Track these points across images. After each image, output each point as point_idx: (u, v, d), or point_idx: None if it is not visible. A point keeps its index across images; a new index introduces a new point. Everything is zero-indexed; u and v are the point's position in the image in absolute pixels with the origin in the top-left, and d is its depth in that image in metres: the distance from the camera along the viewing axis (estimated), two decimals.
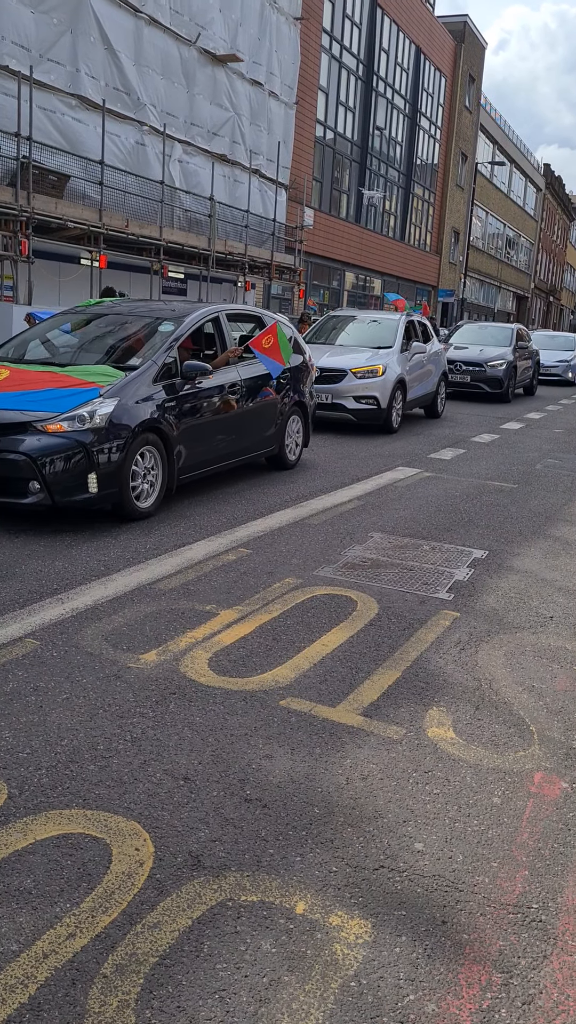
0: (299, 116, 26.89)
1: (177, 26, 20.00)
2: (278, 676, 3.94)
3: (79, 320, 8.07)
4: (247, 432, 7.99)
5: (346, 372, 11.87)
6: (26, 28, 16.03)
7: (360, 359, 12.14)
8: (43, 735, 3.29)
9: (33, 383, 6.42)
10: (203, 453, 7.28)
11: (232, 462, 7.89)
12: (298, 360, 9.10)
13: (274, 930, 2.34)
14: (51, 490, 5.89)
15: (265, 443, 8.45)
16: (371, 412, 11.96)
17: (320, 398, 11.60)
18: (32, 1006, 2.06)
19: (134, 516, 6.43)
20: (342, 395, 11.85)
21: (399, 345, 12.78)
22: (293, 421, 9.02)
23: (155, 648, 4.18)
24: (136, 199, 18.47)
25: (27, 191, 14.97)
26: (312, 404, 9.49)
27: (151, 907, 2.40)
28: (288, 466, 8.99)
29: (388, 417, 12.18)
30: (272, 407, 8.46)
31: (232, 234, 22.16)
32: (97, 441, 6.02)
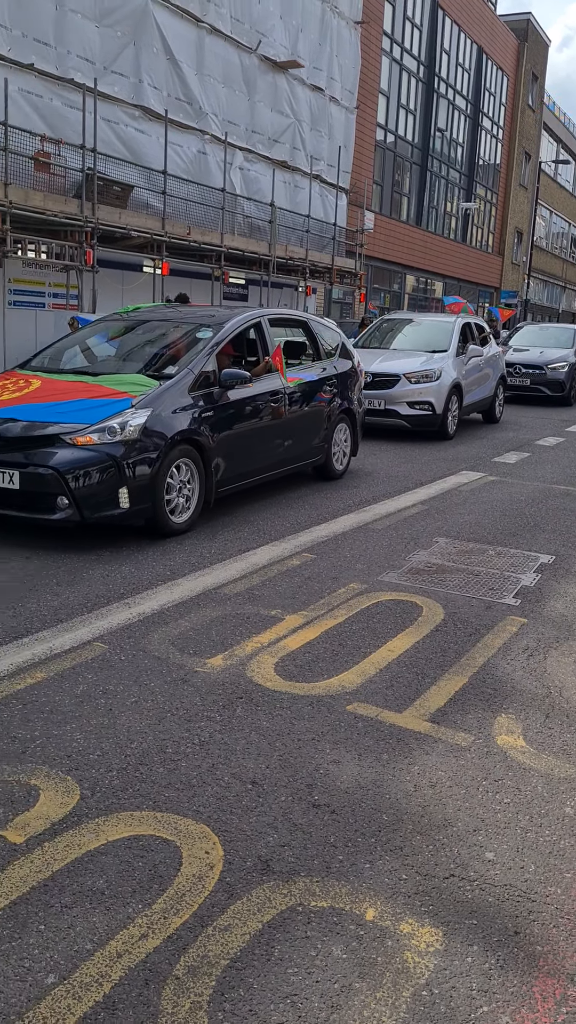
0: (359, 120, 26.87)
1: (238, 34, 20.16)
2: (344, 681, 3.94)
3: (117, 327, 7.87)
4: (291, 441, 7.67)
5: (399, 377, 11.57)
6: (91, 42, 16.33)
7: (414, 363, 11.86)
8: (113, 737, 3.34)
9: (63, 394, 6.26)
10: (243, 464, 7.01)
11: (275, 473, 7.61)
12: (346, 366, 8.83)
13: (344, 936, 2.34)
14: (80, 505, 5.65)
15: (311, 453, 8.14)
16: (426, 418, 11.64)
17: (373, 404, 11.36)
18: (107, 1004, 2.09)
19: (168, 532, 6.16)
20: (396, 401, 11.57)
21: (454, 348, 12.46)
22: (340, 429, 8.67)
23: (221, 652, 4.21)
24: (198, 207, 18.66)
25: (92, 202, 15.24)
26: (361, 411, 9.20)
27: (222, 910, 2.42)
28: (335, 476, 8.66)
29: (444, 423, 11.87)
30: (318, 415, 8.15)
31: (293, 239, 22.24)
32: (128, 454, 5.78)
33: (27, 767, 3.10)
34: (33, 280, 16.72)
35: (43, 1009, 2.06)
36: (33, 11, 15.11)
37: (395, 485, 8.63)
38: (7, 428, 5.84)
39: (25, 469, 5.68)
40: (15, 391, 6.34)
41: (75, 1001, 2.09)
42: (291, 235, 22.22)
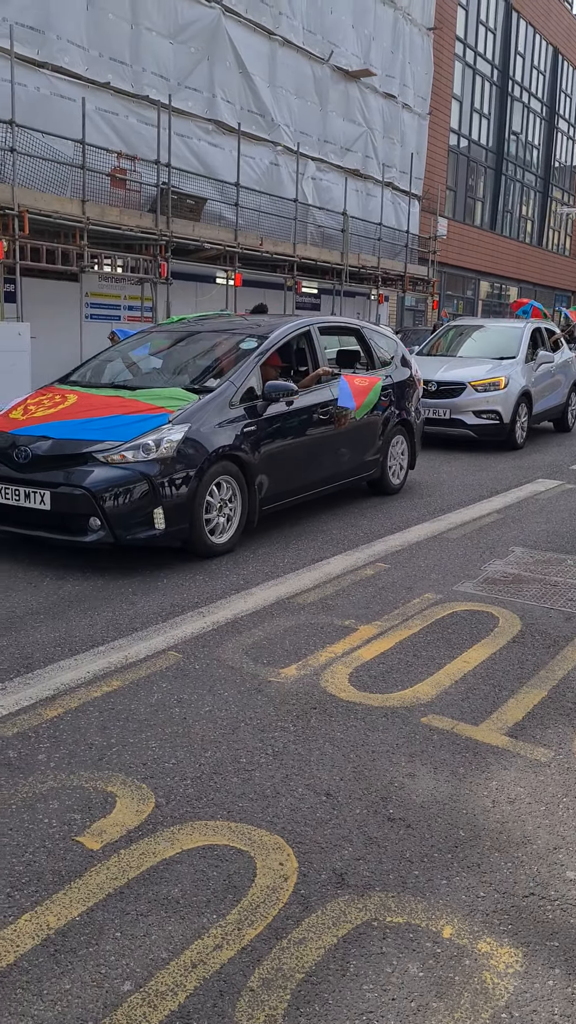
0: (432, 126, 26.73)
1: (310, 45, 20.27)
2: (419, 693, 3.89)
3: (160, 339, 7.53)
4: (343, 456, 7.30)
5: (465, 385, 11.16)
6: (165, 58, 16.62)
7: (480, 371, 11.42)
8: (187, 746, 3.36)
9: (98, 409, 6.01)
10: (290, 481, 6.67)
11: (325, 489, 7.22)
12: (403, 375, 8.41)
13: (421, 953, 2.30)
14: (112, 526, 5.39)
15: (364, 467, 7.73)
16: (493, 428, 11.19)
17: (437, 413, 11.08)
18: (182, 1014, 2.09)
19: (208, 553, 5.87)
20: (461, 410, 11.14)
21: (523, 355, 11.97)
22: (397, 442, 8.23)
23: (295, 662, 4.21)
24: (270, 217, 18.79)
25: (166, 216, 15.48)
26: (419, 422, 8.70)
27: (296, 923, 2.40)
28: (391, 491, 8.22)
29: (512, 432, 11.40)
30: (372, 427, 7.72)
31: (365, 247, 22.21)
32: (164, 472, 5.50)
33: (104, 774, 3.14)
34: (109, 294, 17.05)
35: (119, 1016, 2.08)
36: (109, 31, 15.45)
37: (469, 494, 8.52)
38: (38, 446, 5.64)
39: (56, 489, 5.46)
40: (50, 407, 6.13)
41: (151, 1009, 2.10)
42: (363, 243, 22.20)
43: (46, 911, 2.42)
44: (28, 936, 2.32)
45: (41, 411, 6.08)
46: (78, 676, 3.98)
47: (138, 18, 15.91)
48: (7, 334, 12.72)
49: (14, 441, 5.73)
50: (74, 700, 3.73)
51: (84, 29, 15.02)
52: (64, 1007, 2.10)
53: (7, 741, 3.36)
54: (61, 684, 3.89)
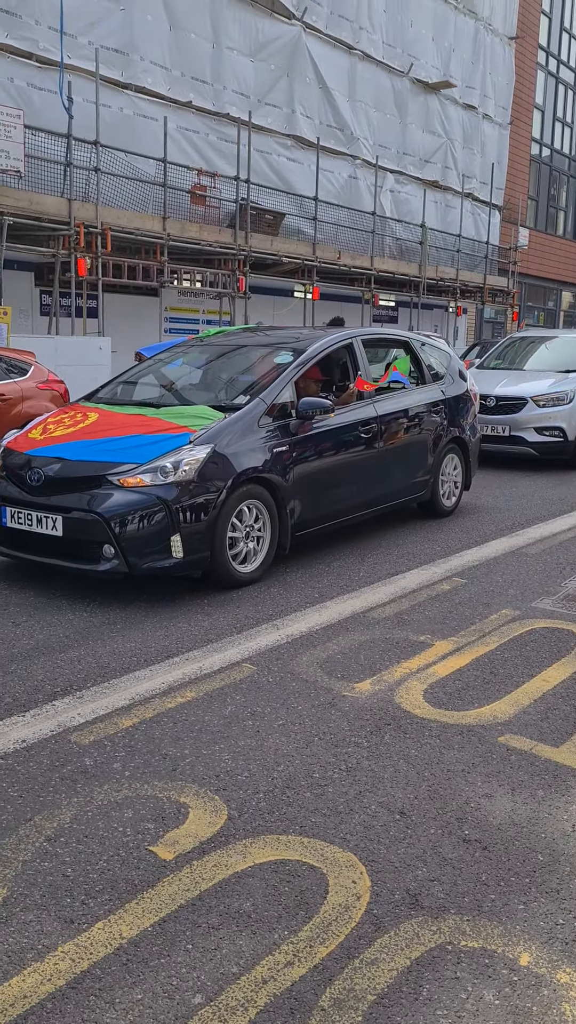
0: (513, 136, 26.44)
1: (390, 59, 20.29)
2: (496, 711, 3.81)
3: (193, 354, 7.11)
4: (388, 477, 6.86)
5: (526, 400, 10.59)
6: (246, 76, 16.85)
7: (543, 385, 10.81)
8: (260, 759, 3.35)
9: (118, 429, 5.64)
10: (326, 504, 6.24)
11: (369, 512, 6.79)
12: (457, 390, 7.90)
13: (497, 980, 2.23)
14: (126, 555, 5.03)
15: (413, 488, 7.26)
16: (556, 445, 10.56)
17: (496, 430, 10.53)
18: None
19: (231, 584, 5.46)
20: (521, 427, 10.54)
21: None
22: (449, 460, 7.72)
23: (369, 677, 4.17)
24: (348, 231, 18.84)
25: (245, 231, 15.66)
26: (475, 440, 8.17)
27: (368, 943, 2.36)
28: (443, 513, 7.69)
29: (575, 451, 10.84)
30: (421, 446, 7.29)
31: (443, 259, 22.07)
32: (183, 496, 5.12)
33: (177, 784, 3.16)
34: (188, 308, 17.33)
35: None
36: (191, 51, 15.75)
37: (548, 508, 8.34)
38: (51, 468, 5.33)
39: (68, 514, 5.13)
40: (70, 425, 5.81)
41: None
42: (442, 255, 22.06)
43: (119, 920, 2.44)
44: (101, 944, 2.34)
45: (60, 430, 5.76)
46: (153, 686, 4.02)
47: (219, 38, 16.19)
48: (89, 348, 13.02)
49: (29, 462, 5.47)
50: (149, 710, 3.77)
51: (167, 50, 15.35)
52: (135, 1017, 2.11)
53: (84, 749, 3.41)
54: (136, 694, 3.93)
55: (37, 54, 13.48)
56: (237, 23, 16.50)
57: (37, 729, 3.57)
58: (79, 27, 13.92)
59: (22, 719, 3.67)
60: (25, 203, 12.61)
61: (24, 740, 3.48)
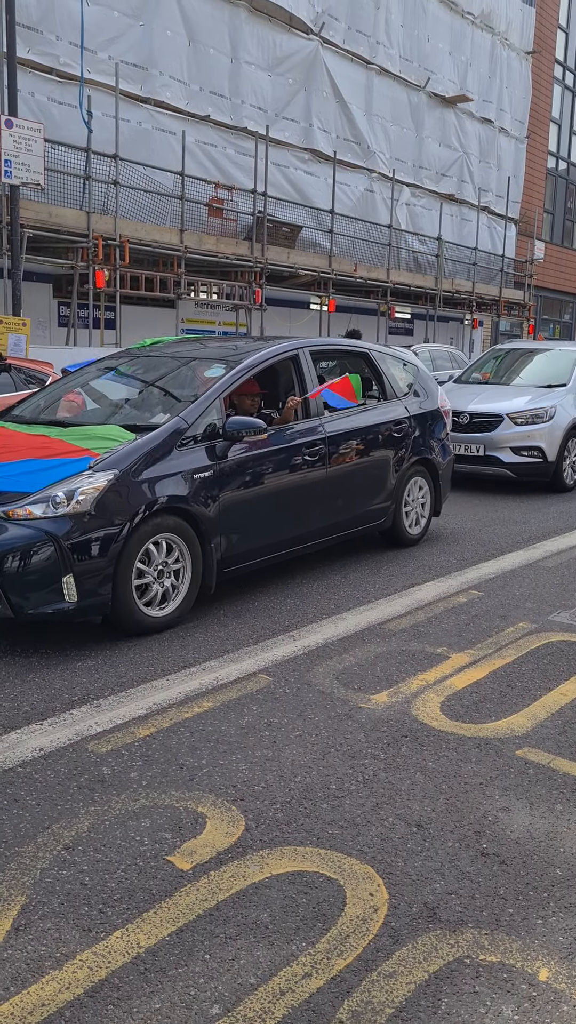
0: (530, 150, 26.49)
1: (407, 73, 20.39)
2: (513, 724, 3.80)
3: (123, 366, 6.28)
4: (338, 504, 6.12)
5: (502, 417, 9.63)
6: (263, 90, 16.98)
7: (521, 401, 9.91)
8: (277, 770, 3.35)
9: (15, 451, 5.00)
10: (261, 536, 5.54)
11: (314, 544, 6.05)
12: (425, 407, 7.13)
13: (516, 995, 2.22)
14: (10, 598, 4.39)
15: (370, 516, 6.51)
16: (534, 466, 9.64)
17: (469, 450, 9.62)
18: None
19: (139, 630, 4.79)
20: (497, 446, 9.59)
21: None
22: (415, 484, 6.96)
23: (386, 689, 4.16)
24: (364, 243, 18.91)
25: (262, 244, 15.74)
26: (446, 462, 7.37)
27: (386, 955, 2.36)
28: (407, 542, 6.96)
29: (557, 472, 9.80)
30: (380, 468, 6.53)
31: (459, 272, 22.10)
32: (76, 530, 4.44)
33: (194, 794, 3.16)
34: (204, 320, 17.41)
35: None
36: (209, 66, 15.89)
37: (568, 519, 8.32)
38: None
39: None
40: None
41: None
42: (457, 268, 22.10)
43: (137, 929, 2.44)
44: (119, 953, 2.35)
45: None
46: (169, 696, 4.03)
47: (237, 52, 16.32)
48: None
49: None
50: (165, 720, 3.78)
51: (185, 65, 15.48)
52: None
53: (101, 758, 3.42)
54: (153, 704, 3.94)
55: (58, 69, 13.63)
56: (255, 38, 16.63)
57: (55, 737, 3.59)
58: (99, 42, 14.07)
59: (40, 727, 3.68)
60: (45, 216, 12.73)
61: (42, 748, 3.49)
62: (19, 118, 11.47)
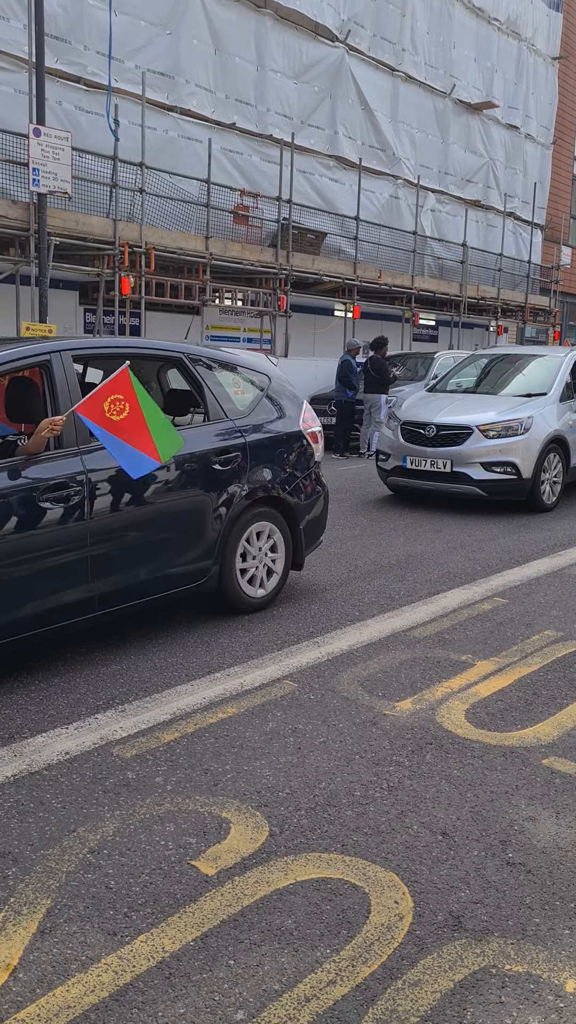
0: (556, 155, 26.36)
1: (432, 80, 20.38)
2: (539, 733, 3.77)
3: None
4: (115, 566, 4.52)
5: (471, 430, 8.73)
6: (289, 98, 17.03)
7: (494, 412, 9.00)
8: (301, 776, 3.35)
9: None
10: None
11: (72, 622, 4.39)
12: (279, 428, 5.56)
13: (542, 1006, 2.20)
14: None
15: (178, 579, 4.89)
16: (507, 484, 8.71)
17: (436, 465, 8.81)
18: None
19: None
20: (466, 461, 8.67)
21: (558, 392, 9.41)
22: (257, 532, 5.34)
23: (411, 696, 4.15)
24: (389, 250, 18.90)
25: (287, 251, 15.77)
26: (308, 501, 5.67)
27: (411, 964, 2.34)
28: (246, 607, 5.34)
29: (534, 491, 8.84)
30: (191, 515, 4.91)
31: (484, 279, 22.03)
32: None
33: (219, 800, 3.16)
34: (229, 326, 17.47)
35: None
36: (235, 74, 15.96)
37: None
38: None
39: None
40: None
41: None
42: (483, 274, 22.03)
43: (162, 934, 2.45)
44: (144, 957, 2.35)
45: None
46: (194, 702, 4.04)
47: (263, 61, 16.38)
48: None
49: None
50: (190, 725, 3.78)
51: (211, 73, 15.56)
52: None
53: (126, 762, 3.43)
54: (178, 709, 3.95)
55: (85, 78, 13.75)
56: (281, 46, 16.69)
57: (80, 741, 3.61)
58: (126, 51, 14.18)
59: (65, 731, 3.70)
60: (72, 223, 12.83)
61: (67, 752, 3.51)
62: (47, 127, 11.58)
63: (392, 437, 9.32)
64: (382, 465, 9.50)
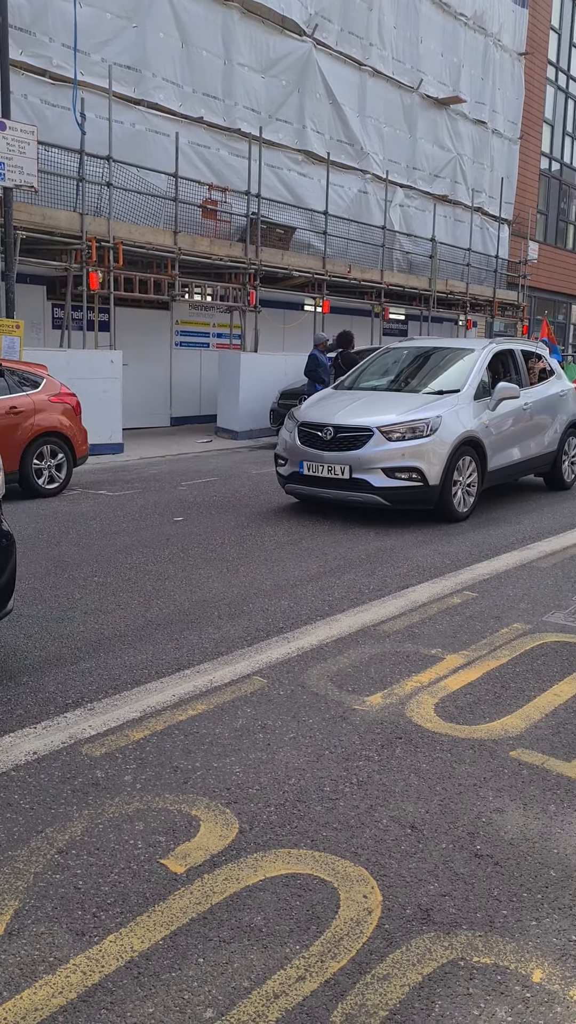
0: (523, 151, 26.52)
1: (399, 75, 20.41)
2: (507, 726, 3.80)
3: None
4: None
5: (372, 432, 7.85)
6: (256, 92, 16.97)
7: (397, 412, 8.09)
8: (271, 772, 3.35)
9: None
10: None
11: None
12: None
13: (509, 997, 2.22)
14: None
15: None
16: (412, 492, 7.85)
17: (333, 472, 7.92)
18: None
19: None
20: (365, 467, 7.80)
21: (473, 388, 8.52)
22: None
23: (380, 691, 4.16)
24: (358, 245, 18.92)
25: (256, 245, 15.73)
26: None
27: (380, 958, 2.35)
28: None
29: (443, 498, 7.97)
30: None
31: (453, 273, 22.12)
32: None
33: (188, 797, 3.15)
34: (198, 321, 17.42)
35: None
36: (203, 68, 15.88)
37: (560, 520, 8.32)
38: None
39: None
40: None
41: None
42: (451, 269, 22.12)
43: (131, 933, 2.44)
44: (113, 957, 2.34)
45: None
46: (164, 699, 4.02)
47: (231, 54, 16.31)
48: (101, 362, 13.09)
49: None
50: (160, 723, 3.77)
51: (178, 67, 15.47)
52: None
53: (95, 761, 3.41)
54: (147, 706, 3.93)
55: (51, 71, 13.61)
56: (248, 40, 16.63)
57: (48, 741, 3.58)
58: (92, 44, 14.05)
59: (33, 731, 3.67)
60: (38, 218, 12.71)
61: (35, 752, 3.48)
62: (12, 120, 11.45)
63: (289, 440, 8.38)
64: (279, 471, 8.55)
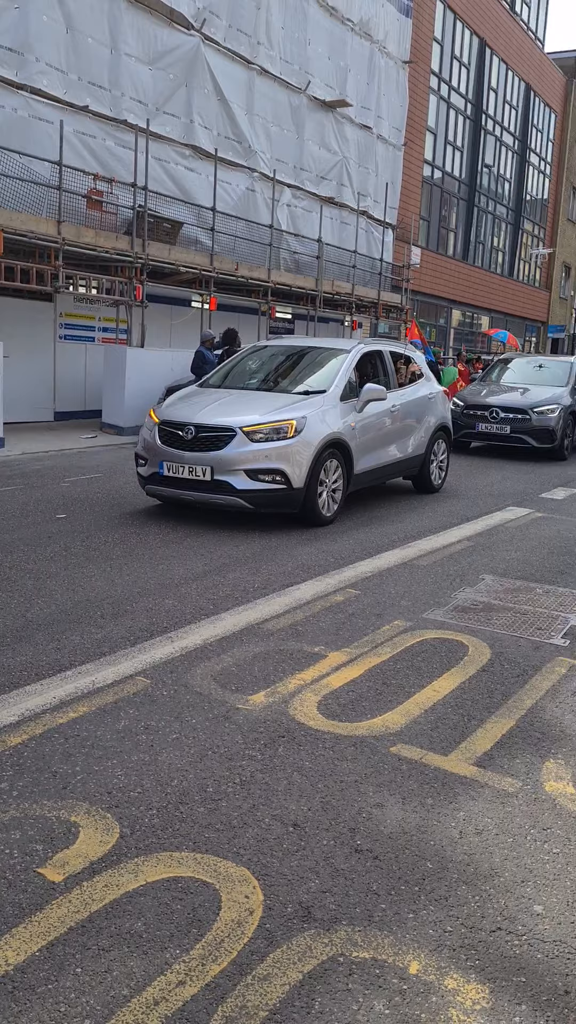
0: (407, 157, 27.10)
1: (287, 75, 20.51)
2: (388, 722, 3.87)
3: None
4: None
5: (235, 432, 7.58)
6: (144, 84, 16.73)
7: (260, 411, 7.88)
8: (154, 775, 3.31)
9: None
10: None
11: None
12: None
13: (387, 990, 2.26)
14: None
15: None
16: (277, 495, 7.60)
17: (194, 473, 7.60)
18: None
19: None
20: (227, 468, 7.51)
21: (339, 389, 8.35)
22: None
23: (264, 689, 4.18)
24: (245, 243, 18.92)
25: (142, 239, 15.52)
26: None
27: (261, 958, 2.36)
28: None
29: (308, 501, 7.76)
30: None
31: (339, 274, 22.41)
32: None
33: (67, 803, 3.08)
34: (84, 315, 17.05)
35: None
36: (89, 56, 15.53)
37: (441, 520, 8.55)
38: None
39: None
40: None
41: None
42: (337, 270, 22.40)
43: (5, 946, 2.36)
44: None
45: None
46: (43, 702, 3.92)
47: (117, 44, 16.02)
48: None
49: None
50: (39, 726, 3.67)
51: (63, 53, 15.09)
52: None
53: None
54: (26, 710, 3.82)
55: None
56: (135, 30, 16.37)
57: None
58: None
59: None
60: None
61: None
62: None
63: (149, 438, 8.00)
64: (139, 471, 8.17)
